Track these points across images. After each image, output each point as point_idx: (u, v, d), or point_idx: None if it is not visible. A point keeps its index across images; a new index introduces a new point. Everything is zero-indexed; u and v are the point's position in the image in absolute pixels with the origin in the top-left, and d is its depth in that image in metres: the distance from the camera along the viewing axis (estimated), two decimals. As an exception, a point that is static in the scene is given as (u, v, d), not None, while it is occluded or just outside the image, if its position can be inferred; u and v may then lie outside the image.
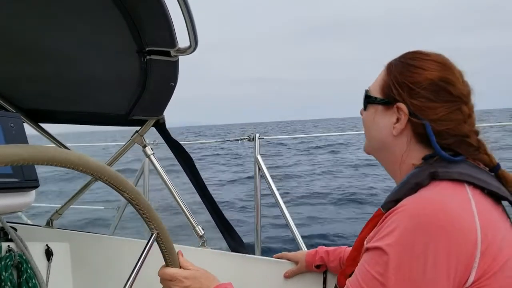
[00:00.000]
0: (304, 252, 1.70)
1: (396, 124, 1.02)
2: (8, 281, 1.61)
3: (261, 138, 2.86)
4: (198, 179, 2.02)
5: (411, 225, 0.82)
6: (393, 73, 1.03)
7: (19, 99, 2.02)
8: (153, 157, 2.04)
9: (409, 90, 0.99)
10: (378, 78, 1.09)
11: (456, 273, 0.80)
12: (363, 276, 0.87)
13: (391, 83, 1.02)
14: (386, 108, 1.04)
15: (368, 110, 1.10)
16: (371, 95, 1.08)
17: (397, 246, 0.82)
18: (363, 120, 1.13)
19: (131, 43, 1.49)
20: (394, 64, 1.06)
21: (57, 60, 1.69)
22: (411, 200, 0.88)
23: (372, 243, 0.89)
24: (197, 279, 1.15)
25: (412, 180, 0.93)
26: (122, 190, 0.88)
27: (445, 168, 0.92)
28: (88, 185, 2.15)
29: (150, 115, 1.95)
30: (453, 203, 0.85)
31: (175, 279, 1.14)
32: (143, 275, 1.84)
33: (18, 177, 1.33)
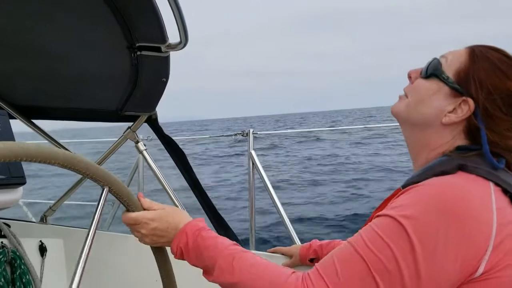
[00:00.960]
0: (298, 246, 1.71)
1: (451, 114, 0.96)
2: (2, 277, 1.61)
3: (255, 133, 2.86)
4: (192, 175, 2.03)
5: (429, 204, 0.81)
6: (477, 66, 0.96)
7: (11, 95, 2.01)
8: (146, 153, 2.04)
9: (488, 92, 0.94)
10: (456, 55, 1.00)
11: (465, 261, 0.80)
12: (369, 235, 0.84)
13: (472, 75, 0.95)
14: (452, 93, 0.97)
15: (430, 81, 1.00)
16: (444, 70, 0.99)
17: (411, 219, 0.81)
18: (416, 87, 1.03)
19: (122, 39, 1.49)
20: (480, 55, 0.97)
21: (49, 57, 1.69)
22: (434, 181, 0.86)
23: (384, 211, 0.86)
24: (163, 218, 1.08)
25: (438, 167, 0.91)
26: (53, 162, 0.82)
27: (474, 163, 0.90)
28: (81, 181, 2.15)
29: (142, 110, 1.95)
30: (475, 194, 0.84)
31: (140, 222, 1.07)
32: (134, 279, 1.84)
33: (5, 174, 1.33)
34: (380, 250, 0.81)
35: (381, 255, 0.81)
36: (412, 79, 1.06)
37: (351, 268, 0.83)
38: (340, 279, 0.83)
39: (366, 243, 0.83)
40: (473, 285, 0.83)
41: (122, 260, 2.03)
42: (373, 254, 0.81)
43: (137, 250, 1.99)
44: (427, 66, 1.02)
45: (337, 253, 0.87)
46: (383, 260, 0.80)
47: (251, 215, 2.85)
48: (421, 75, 1.03)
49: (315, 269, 0.87)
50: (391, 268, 0.80)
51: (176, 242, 1.05)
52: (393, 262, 0.80)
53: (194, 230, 1.04)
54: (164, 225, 1.07)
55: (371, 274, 0.81)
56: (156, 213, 1.08)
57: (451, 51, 1.03)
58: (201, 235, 1.03)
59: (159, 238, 1.08)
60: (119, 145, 2.08)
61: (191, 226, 1.06)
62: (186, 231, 1.05)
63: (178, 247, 1.05)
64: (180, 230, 1.06)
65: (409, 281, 0.79)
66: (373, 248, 0.82)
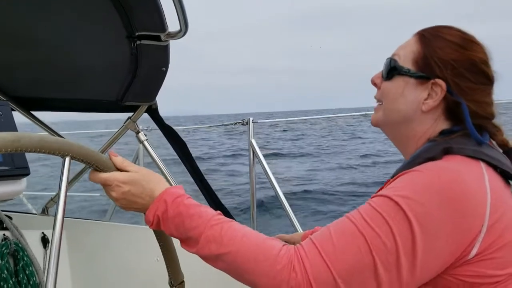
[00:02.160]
0: (300, 234, 1.71)
1: (428, 100, 0.98)
2: (5, 269, 1.62)
3: (255, 122, 2.86)
4: (193, 164, 2.03)
5: (424, 188, 0.82)
6: (432, 47, 0.98)
7: (10, 87, 2.00)
8: (147, 143, 2.03)
9: (452, 68, 0.96)
10: (407, 48, 1.02)
11: (458, 243, 0.81)
12: (368, 212, 0.83)
13: (431, 57, 0.97)
14: (419, 82, 0.99)
15: (395, 81, 1.02)
16: (402, 65, 1.01)
17: (407, 199, 0.81)
18: (383, 91, 1.05)
19: (121, 28, 1.47)
20: (430, 37, 1.00)
21: (48, 47, 1.68)
22: (427, 166, 0.86)
23: (379, 193, 0.87)
24: (138, 182, 0.97)
25: (424, 154, 0.91)
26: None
27: (460, 144, 0.91)
28: (82, 173, 2.14)
29: (143, 100, 1.93)
30: (468, 175, 0.84)
31: (110, 183, 0.97)
32: (134, 260, 1.85)
33: (9, 165, 1.33)
34: (379, 226, 0.81)
35: (380, 231, 0.80)
36: (377, 85, 1.08)
37: (348, 241, 0.81)
38: (336, 249, 0.81)
39: (365, 219, 0.82)
40: (467, 267, 0.83)
41: (124, 249, 2.03)
42: (371, 229, 0.81)
43: (139, 240, 2.01)
44: (385, 68, 1.05)
45: (333, 225, 0.86)
46: (382, 236, 0.80)
47: (252, 203, 2.86)
48: (384, 79, 1.05)
49: (309, 239, 0.85)
50: (389, 244, 0.80)
51: (153, 210, 0.95)
52: (391, 238, 0.80)
53: (175, 197, 0.94)
54: (139, 190, 0.97)
55: (369, 249, 0.80)
56: (130, 175, 0.98)
57: (401, 45, 1.06)
58: (183, 203, 0.93)
59: (132, 203, 0.98)
60: (120, 136, 2.07)
61: (171, 193, 0.95)
62: (164, 198, 0.94)
63: (155, 215, 0.95)
64: (158, 197, 0.96)
65: (405, 258, 0.79)
66: (371, 223, 0.81)
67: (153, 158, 2.01)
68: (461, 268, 0.83)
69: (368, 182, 11.42)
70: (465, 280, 0.84)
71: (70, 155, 0.89)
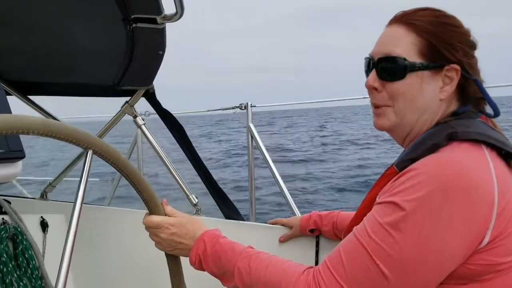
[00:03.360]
0: (298, 217, 1.73)
1: (445, 88, 0.96)
2: (4, 253, 1.62)
3: (253, 106, 2.85)
4: (191, 149, 2.02)
5: (431, 184, 0.81)
6: (431, 33, 0.95)
7: (6, 71, 1.98)
8: (144, 127, 2.03)
9: (460, 49, 0.95)
10: (402, 42, 0.97)
11: (471, 235, 0.81)
12: (372, 225, 0.85)
13: (438, 44, 0.94)
14: (433, 72, 0.95)
15: (408, 79, 0.96)
16: (413, 61, 0.95)
17: (413, 202, 0.81)
18: (397, 92, 0.97)
19: (117, 11, 1.46)
20: (423, 23, 0.96)
21: (43, 31, 1.66)
22: (430, 160, 0.86)
23: (385, 197, 0.87)
24: (184, 225, 1.13)
25: (429, 141, 0.90)
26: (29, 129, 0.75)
27: (464, 127, 0.90)
28: (81, 156, 2.14)
29: (140, 85, 1.92)
30: (473, 165, 0.84)
31: (161, 226, 1.12)
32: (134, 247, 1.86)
33: (3, 148, 1.32)
34: (383, 239, 0.83)
35: (384, 244, 0.83)
36: (378, 88, 1.00)
37: (355, 259, 0.86)
38: (346, 270, 0.86)
39: (369, 234, 0.85)
40: (479, 255, 0.83)
41: (123, 233, 2.04)
42: (375, 244, 0.83)
43: (138, 224, 2.01)
44: (392, 69, 0.97)
45: (343, 244, 0.90)
46: (386, 249, 0.82)
47: (251, 188, 2.87)
48: (390, 79, 0.98)
49: (324, 262, 0.91)
50: (395, 255, 0.82)
51: (195, 249, 1.10)
52: (397, 249, 0.81)
53: (212, 238, 1.10)
54: (183, 232, 1.12)
55: (375, 263, 0.83)
56: (177, 219, 1.14)
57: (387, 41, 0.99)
58: (218, 241, 1.08)
59: (177, 244, 1.13)
60: (117, 120, 2.07)
61: (209, 234, 1.12)
62: (204, 239, 1.10)
63: (197, 255, 1.09)
64: (198, 238, 1.11)
65: (416, 265, 0.81)
66: (375, 237, 0.84)
67: (151, 142, 2.01)
68: (472, 257, 0.84)
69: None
70: (475, 269, 0.84)
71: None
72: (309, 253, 1.69)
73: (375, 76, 1.01)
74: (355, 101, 3.43)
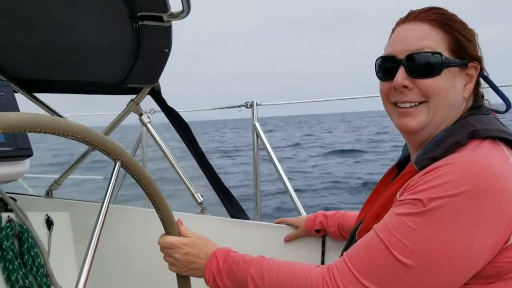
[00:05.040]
0: (303, 217, 1.72)
1: (468, 85, 0.96)
2: (10, 251, 1.63)
3: (259, 105, 2.84)
4: (196, 147, 2.02)
5: (458, 183, 0.80)
6: (457, 30, 0.95)
7: (12, 68, 1.98)
8: (150, 126, 2.03)
9: (475, 46, 0.97)
10: (433, 37, 0.94)
11: (497, 233, 0.80)
12: (393, 222, 0.85)
13: (462, 42, 0.95)
14: (461, 69, 0.95)
15: (443, 76, 0.93)
16: (448, 57, 0.93)
17: (440, 200, 0.80)
18: (433, 88, 0.94)
19: (123, 9, 1.45)
20: (446, 21, 0.95)
21: (50, 28, 1.66)
22: (457, 158, 0.85)
23: (407, 195, 0.86)
24: (197, 245, 1.15)
25: (450, 138, 0.89)
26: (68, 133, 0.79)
27: (483, 124, 0.90)
28: (86, 155, 2.14)
29: (145, 83, 1.92)
30: (498, 163, 0.83)
31: (175, 246, 1.14)
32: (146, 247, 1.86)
33: (12, 146, 1.32)
34: (404, 235, 0.83)
35: (405, 239, 0.82)
36: (409, 86, 0.96)
37: (373, 253, 0.86)
38: (363, 264, 0.86)
39: (390, 230, 0.85)
40: (506, 253, 0.83)
41: (126, 230, 2.04)
42: (395, 239, 0.83)
43: (141, 221, 2.01)
44: (428, 64, 0.93)
45: (362, 239, 0.91)
46: (407, 244, 0.82)
47: (256, 186, 2.85)
48: (424, 76, 0.94)
49: (342, 256, 0.92)
50: (416, 249, 0.81)
51: (208, 267, 1.12)
52: (419, 244, 0.81)
53: (223, 253, 1.13)
54: (196, 251, 1.14)
55: (394, 257, 0.83)
56: (191, 239, 1.16)
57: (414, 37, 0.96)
58: (230, 255, 1.11)
59: (191, 264, 1.15)
60: (123, 118, 2.07)
61: (220, 250, 1.14)
62: (216, 255, 1.13)
63: (210, 272, 1.11)
64: (210, 256, 1.14)
65: (440, 263, 0.80)
66: (396, 233, 0.84)
67: (156, 140, 2.00)
68: (499, 255, 0.83)
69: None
70: (501, 267, 0.84)
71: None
72: (315, 253, 1.68)
73: (404, 74, 0.95)
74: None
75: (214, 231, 1.89)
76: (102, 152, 0.90)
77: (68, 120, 0.79)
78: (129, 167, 0.96)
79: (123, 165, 0.95)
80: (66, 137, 0.79)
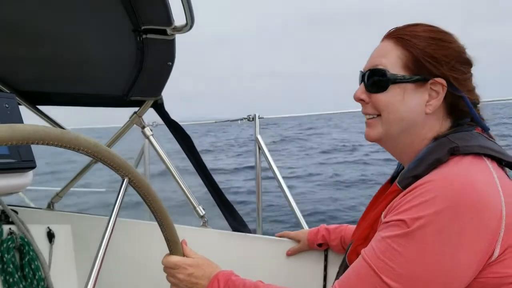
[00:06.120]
0: (306, 231, 1.71)
1: (431, 101, 0.97)
2: (11, 263, 1.62)
3: (261, 118, 2.84)
4: (198, 160, 2.02)
5: (438, 200, 0.81)
6: (418, 47, 0.97)
7: (16, 81, 2.00)
8: (152, 138, 2.03)
9: (446, 63, 0.96)
10: (389, 55, 1.00)
11: (481, 249, 0.80)
12: (379, 246, 0.86)
13: (422, 58, 0.96)
14: (417, 85, 0.97)
15: (391, 91, 0.99)
16: (395, 73, 0.98)
17: (422, 220, 0.81)
18: (379, 104, 1.01)
19: (127, 22, 1.46)
20: (410, 38, 0.98)
21: (53, 41, 1.67)
22: (436, 176, 0.85)
23: (392, 216, 0.87)
24: (200, 266, 1.16)
25: (431, 156, 0.90)
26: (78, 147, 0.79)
27: (464, 141, 0.90)
28: (88, 167, 2.14)
29: (148, 95, 1.93)
30: (479, 178, 0.83)
31: (179, 267, 1.15)
32: (148, 261, 1.85)
33: (15, 157, 1.32)
34: (391, 258, 0.83)
35: (392, 262, 0.83)
36: (365, 100, 1.04)
37: (363, 280, 0.87)
38: None
39: (377, 254, 0.86)
40: (490, 268, 0.83)
41: (129, 244, 2.03)
42: (383, 263, 0.84)
43: (144, 235, 2.00)
44: (376, 80, 1.00)
45: (352, 267, 0.92)
46: (395, 267, 0.82)
47: (258, 200, 2.84)
48: (375, 91, 1.01)
49: (333, 285, 0.92)
50: (404, 272, 0.82)
51: None
52: (406, 267, 0.82)
53: (225, 276, 1.13)
54: (200, 273, 1.15)
55: (383, 282, 0.83)
56: (194, 260, 1.17)
57: (376, 54, 1.03)
58: (231, 279, 1.12)
59: (193, 284, 1.15)
60: (126, 131, 2.07)
61: (222, 273, 1.15)
62: (218, 277, 1.14)
63: None
64: (212, 278, 1.14)
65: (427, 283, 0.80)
66: (384, 257, 0.84)
67: (159, 153, 2.00)
68: (485, 270, 0.83)
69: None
70: (486, 282, 0.83)
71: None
72: (318, 267, 1.67)
73: (363, 88, 1.05)
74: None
75: (216, 244, 1.89)
76: (110, 168, 0.91)
77: (78, 134, 0.80)
78: (136, 184, 0.97)
79: (130, 181, 0.96)
80: (76, 151, 0.80)
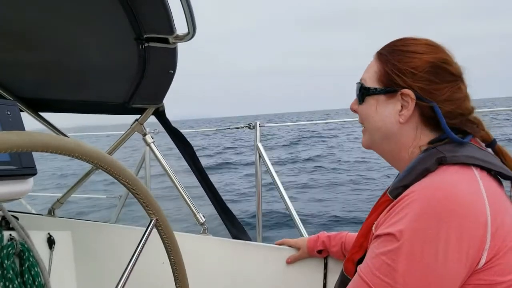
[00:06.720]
0: (305, 238, 1.71)
1: (403, 111, 1.01)
2: (11, 269, 1.62)
3: (262, 126, 2.85)
4: (199, 167, 2.02)
5: (423, 210, 0.83)
6: (390, 61, 1.03)
7: (19, 88, 2.01)
8: (153, 146, 2.04)
9: (412, 75, 0.99)
10: (370, 69, 1.09)
11: (468, 256, 0.81)
12: (374, 262, 0.88)
13: (390, 71, 1.02)
14: (389, 97, 1.03)
15: (367, 102, 1.08)
16: (368, 86, 1.07)
17: (409, 232, 0.83)
18: (361, 114, 1.12)
19: (130, 30, 1.48)
20: (387, 53, 1.05)
21: (56, 48, 1.68)
22: (421, 185, 0.88)
23: (382, 229, 0.89)
24: None
25: (419, 166, 0.93)
26: (120, 177, 0.86)
27: (452, 152, 0.92)
28: (89, 174, 2.15)
29: (150, 103, 1.94)
30: (463, 187, 0.85)
31: None
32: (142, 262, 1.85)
33: (16, 164, 1.33)
34: (386, 274, 0.85)
35: (387, 278, 0.85)
36: (356, 110, 1.14)
37: None
38: None
39: (372, 271, 0.88)
40: (477, 275, 0.84)
41: (129, 251, 2.03)
42: (379, 280, 0.86)
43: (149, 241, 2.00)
44: (358, 93, 1.11)
45: (351, 284, 0.94)
46: (390, 282, 0.84)
47: (258, 207, 2.85)
48: (360, 103, 1.11)
49: None
50: (399, 286, 0.83)
51: None
52: (401, 280, 0.83)
53: None
54: None
55: None
56: None
57: (365, 69, 1.11)
58: None
59: None
60: (127, 138, 2.08)
61: None
62: None
63: None
64: None
65: None
66: (378, 274, 0.86)
67: (160, 160, 2.01)
68: (472, 277, 0.84)
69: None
70: None
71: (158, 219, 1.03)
72: (317, 275, 1.67)
73: (356, 99, 1.14)
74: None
75: (215, 252, 1.89)
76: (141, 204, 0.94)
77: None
78: (161, 226, 1.01)
79: (157, 223, 1.00)
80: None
